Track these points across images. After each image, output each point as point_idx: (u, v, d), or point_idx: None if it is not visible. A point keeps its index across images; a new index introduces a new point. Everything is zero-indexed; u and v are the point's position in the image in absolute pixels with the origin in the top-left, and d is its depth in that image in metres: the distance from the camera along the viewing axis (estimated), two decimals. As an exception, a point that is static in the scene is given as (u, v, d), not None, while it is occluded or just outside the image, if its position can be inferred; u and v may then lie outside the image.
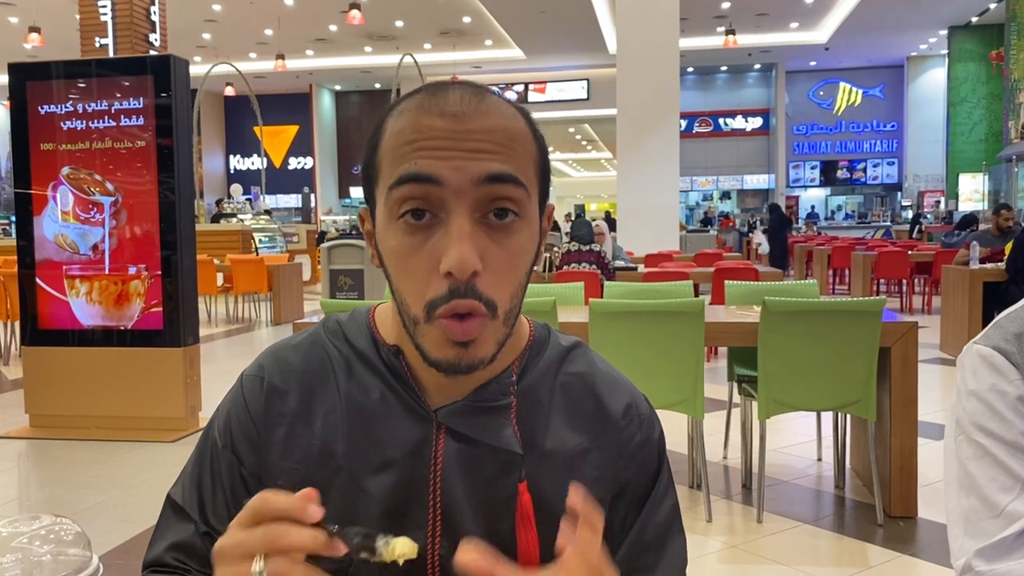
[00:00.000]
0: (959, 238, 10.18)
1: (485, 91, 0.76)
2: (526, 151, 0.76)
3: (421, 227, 0.72)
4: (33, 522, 0.70)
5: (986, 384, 0.98)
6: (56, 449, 4.74)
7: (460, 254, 0.70)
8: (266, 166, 22.17)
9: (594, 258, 6.51)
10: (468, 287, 0.71)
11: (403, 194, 0.72)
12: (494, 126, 0.74)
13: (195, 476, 0.85)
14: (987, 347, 1.00)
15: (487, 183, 0.72)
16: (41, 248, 5.01)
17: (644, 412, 0.88)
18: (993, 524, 0.92)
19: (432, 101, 0.74)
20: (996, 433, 0.95)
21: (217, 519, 0.81)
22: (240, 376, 0.88)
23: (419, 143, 0.72)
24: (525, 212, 0.75)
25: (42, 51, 15.81)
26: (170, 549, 0.81)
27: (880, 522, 3.38)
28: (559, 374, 0.86)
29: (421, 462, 0.80)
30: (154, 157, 4.87)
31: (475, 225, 0.72)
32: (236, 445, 0.83)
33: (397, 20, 18.52)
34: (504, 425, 0.81)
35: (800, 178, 25.23)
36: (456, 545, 0.77)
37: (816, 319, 3.33)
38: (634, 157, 10.73)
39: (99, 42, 8.50)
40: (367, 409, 0.81)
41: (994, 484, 0.93)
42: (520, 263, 0.76)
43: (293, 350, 0.86)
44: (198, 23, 18.04)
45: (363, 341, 0.85)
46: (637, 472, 0.85)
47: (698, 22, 17.87)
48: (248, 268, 10.23)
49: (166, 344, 4.91)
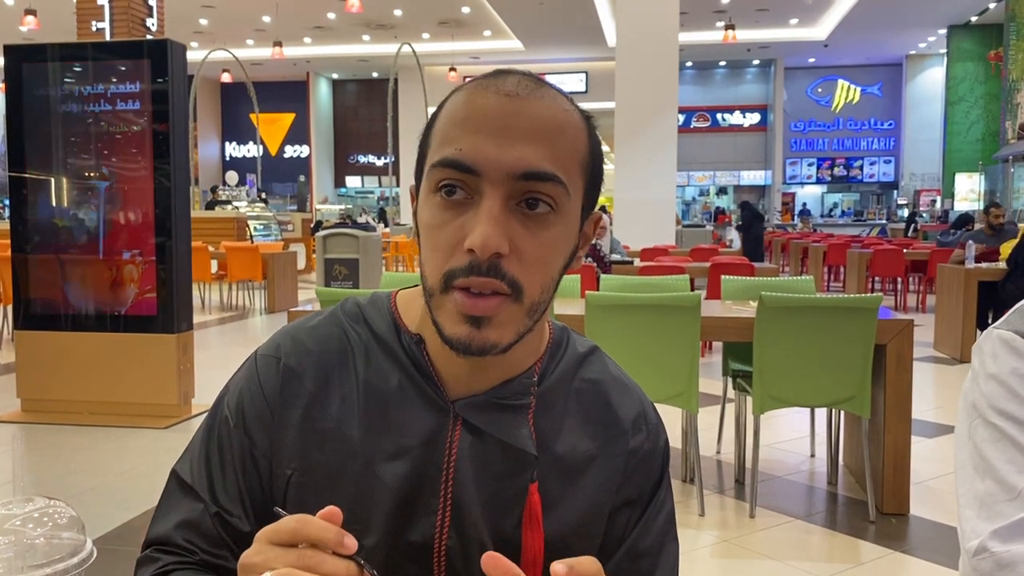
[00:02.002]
0: (955, 237, 10.19)
1: (545, 82, 0.77)
2: (573, 147, 0.75)
3: (454, 203, 0.73)
4: (26, 504, 0.69)
5: (1007, 367, 0.97)
6: (48, 434, 4.72)
7: (484, 233, 0.70)
8: (262, 154, 22.09)
9: (590, 251, 6.51)
10: (490, 265, 0.71)
11: (442, 174, 0.73)
12: (546, 114, 0.74)
13: (204, 454, 0.83)
14: (1009, 331, 0.99)
15: (523, 180, 0.72)
16: (35, 232, 4.98)
17: (653, 421, 0.89)
18: (1009, 506, 0.92)
19: (490, 81, 0.75)
20: (1015, 416, 0.95)
21: (228, 499, 0.80)
22: (254, 354, 0.86)
23: (469, 121, 0.73)
24: (561, 208, 0.74)
25: (37, 34, 15.71)
26: (179, 527, 0.80)
27: (872, 519, 3.38)
28: (575, 379, 0.86)
29: (435, 451, 0.79)
30: (150, 142, 4.84)
31: (507, 211, 0.72)
32: (248, 425, 0.82)
33: (396, 9, 18.46)
34: (521, 424, 0.81)
35: (797, 174, 25.27)
36: (463, 537, 0.79)
37: (812, 315, 3.33)
38: (631, 151, 10.72)
39: (95, 26, 8.44)
40: (384, 395, 0.81)
41: (1011, 466, 0.93)
42: (552, 256, 0.75)
43: (310, 331, 0.85)
44: (196, 8, 17.94)
45: (384, 326, 0.84)
46: (641, 482, 0.86)
47: (697, 16, 17.85)
48: (243, 255, 10.20)
49: (159, 330, 4.89)
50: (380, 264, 9.67)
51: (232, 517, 0.80)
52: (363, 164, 27.74)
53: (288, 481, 0.80)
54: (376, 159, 27.14)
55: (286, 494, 0.80)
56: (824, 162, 25.10)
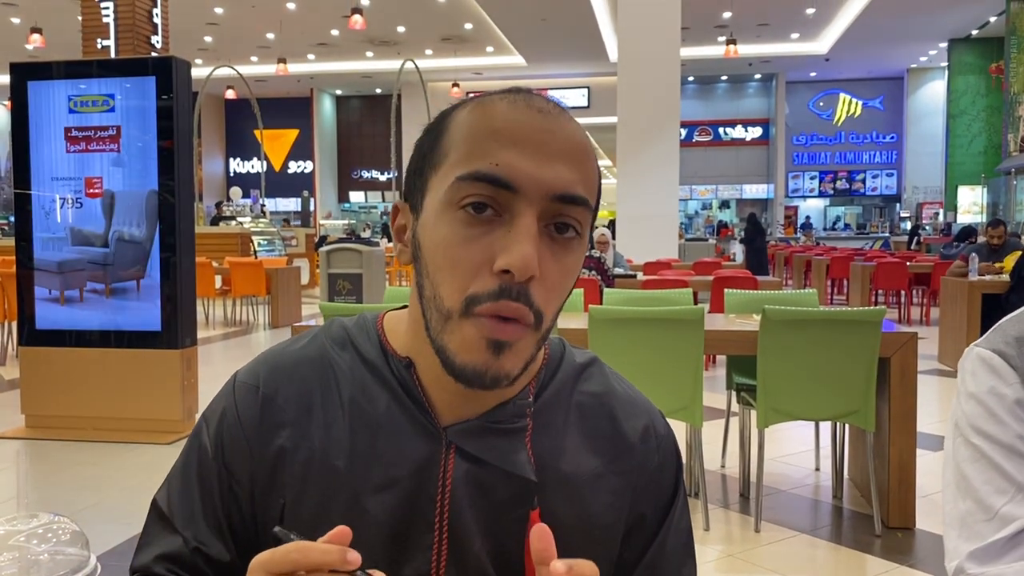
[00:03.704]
0: (958, 250, 10.18)
1: (563, 106, 0.75)
2: (596, 172, 0.74)
3: (481, 220, 0.68)
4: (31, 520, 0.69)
5: (985, 387, 0.97)
6: (52, 450, 4.72)
7: (524, 252, 0.65)
8: (266, 169, 22.16)
9: (594, 264, 6.51)
10: (521, 291, 0.67)
11: (472, 189, 0.68)
12: (575, 136, 0.72)
13: (182, 485, 0.80)
14: (987, 350, 0.99)
15: (559, 201, 0.69)
16: (39, 248, 5.00)
17: (662, 434, 0.84)
18: (987, 527, 0.92)
19: (519, 97, 0.72)
20: (993, 436, 0.95)
21: (206, 532, 0.77)
22: (233, 377, 0.83)
23: (503, 135, 0.69)
24: (583, 232, 0.72)
25: (43, 52, 15.81)
26: (159, 560, 0.77)
27: (878, 533, 3.37)
28: (574, 392, 0.81)
29: (428, 482, 0.75)
30: (155, 159, 4.86)
31: (540, 232, 0.69)
32: (227, 456, 0.78)
33: (399, 25, 18.56)
34: (518, 449, 0.76)
35: (799, 188, 25.29)
36: (462, 570, 0.74)
37: (816, 329, 3.33)
38: (634, 165, 10.74)
39: (101, 43, 8.51)
40: (372, 422, 0.76)
41: (989, 487, 0.93)
42: (569, 282, 0.72)
43: (292, 356, 0.81)
44: (200, 26, 18.06)
45: (371, 349, 0.79)
46: (654, 497, 0.82)
47: (699, 31, 17.92)
48: (247, 271, 10.22)
49: (163, 346, 4.90)
50: (384, 279, 9.68)
51: (211, 549, 0.77)
52: (366, 179, 27.83)
53: (283, 510, 0.76)
54: (379, 174, 27.24)
55: (282, 521, 0.76)
56: (826, 175, 25.12)
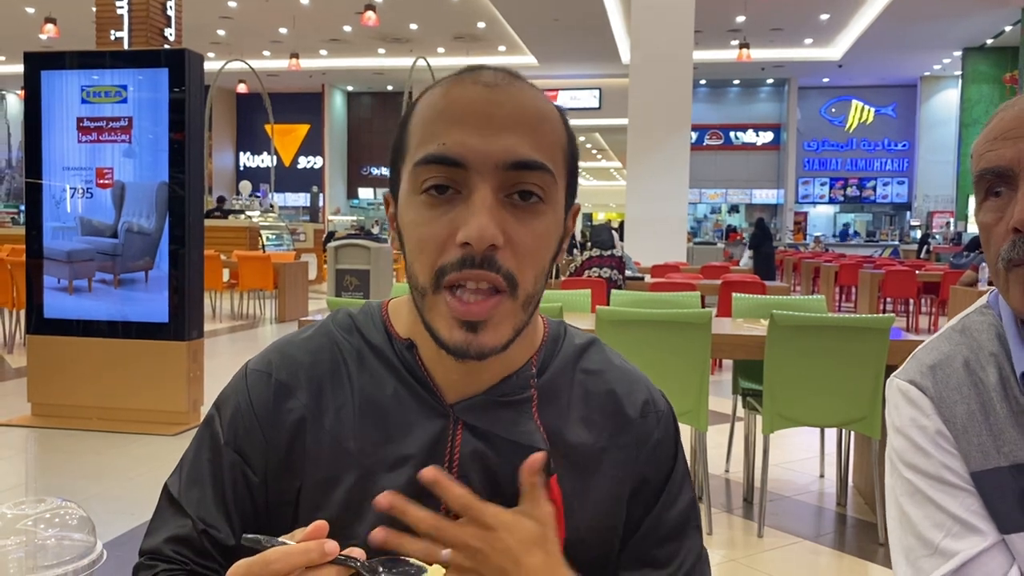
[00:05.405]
0: (968, 259, 10.14)
1: (519, 75, 0.76)
2: (555, 137, 0.75)
3: (443, 200, 0.71)
4: (38, 505, 0.70)
5: (907, 419, 0.96)
6: (57, 438, 4.74)
7: (480, 224, 0.68)
8: (275, 164, 22.21)
9: (615, 263, 6.52)
10: (484, 258, 0.69)
11: (427, 173, 0.71)
12: (526, 103, 0.73)
13: (194, 470, 0.83)
14: (904, 381, 0.98)
15: (512, 169, 0.71)
16: (49, 237, 5.02)
17: (662, 408, 0.87)
18: (929, 562, 0.91)
19: (466, 75, 0.74)
20: (922, 469, 0.94)
21: (215, 515, 0.80)
22: (244, 367, 0.85)
23: (449, 114, 0.71)
24: (550, 198, 0.74)
25: (57, 42, 15.87)
26: (168, 542, 0.80)
27: (882, 541, 3.35)
28: (576, 371, 0.84)
29: (438, 458, 0.77)
30: (166, 150, 4.87)
31: (499, 202, 0.70)
32: (240, 443, 0.81)
33: (412, 23, 18.58)
34: (526, 420, 0.79)
35: (809, 194, 25.22)
36: None
37: (823, 335, 3.31)
38: (644, 167, 10.73)
39: (114, 35, 8.55)
40: (381, 405, 0.79)
41: (927, 521, 0.92)
42: (544, 247, 0.74)
43: (302, 344, 0.84)
44: (213, 20, 18.11)
45: (376, 335, 0.82)
46: (655, 468, 0.84)
47: (712, 35, 17.89)
48: (255, 265, 10.25)
49: (170, 337, 4.91)
50: (391, 275, 9.69)
51: (219, 533, 0.79)
52: (376, 176, 27.87)
53: (299, 492, 0.79)
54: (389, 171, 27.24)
55: (298, 506, 0.79)
56: (837, 182, 25.04)
